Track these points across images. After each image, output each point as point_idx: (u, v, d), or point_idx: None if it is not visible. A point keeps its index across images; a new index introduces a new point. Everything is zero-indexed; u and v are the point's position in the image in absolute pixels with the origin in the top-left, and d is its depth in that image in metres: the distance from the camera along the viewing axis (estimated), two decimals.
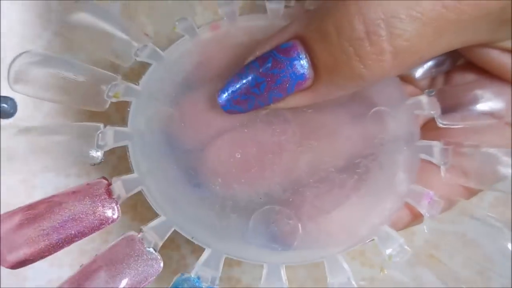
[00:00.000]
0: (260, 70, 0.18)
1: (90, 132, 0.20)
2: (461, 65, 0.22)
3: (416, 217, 0.19)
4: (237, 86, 0.18)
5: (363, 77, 0.17)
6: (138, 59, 0.21)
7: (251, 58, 0.19)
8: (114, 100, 0.20)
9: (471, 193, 0.20)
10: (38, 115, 0.27)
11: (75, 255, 0.26)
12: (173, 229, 0.18)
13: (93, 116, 0.25)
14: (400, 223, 0.19)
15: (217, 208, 0.18)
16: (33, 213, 0.17)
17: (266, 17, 0.22)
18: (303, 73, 0.17)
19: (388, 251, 0.17)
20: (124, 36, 0.22)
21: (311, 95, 0.18)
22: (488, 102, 0.20)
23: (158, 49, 0.21)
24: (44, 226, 0.17)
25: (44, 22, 0.28)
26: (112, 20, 0.22)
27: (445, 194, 0.19)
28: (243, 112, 0.19)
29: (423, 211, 0.18)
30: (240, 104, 0.18)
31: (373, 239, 0.18)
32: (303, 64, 0.17)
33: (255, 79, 0.18)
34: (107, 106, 0.20)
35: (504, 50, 0.19)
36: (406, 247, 0.17)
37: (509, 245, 0.18)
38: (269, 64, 0.18)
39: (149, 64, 0.21)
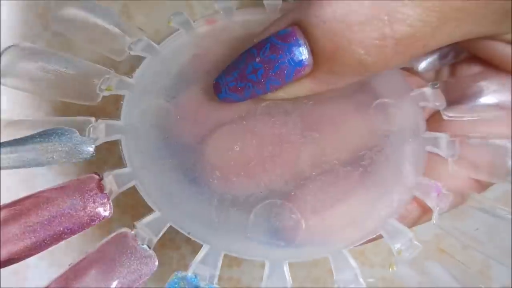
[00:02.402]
0: (258, 57, 0.17)
1: (80, 126, 0.19)
2: (466, 57, 0.21)
3: (425, 212, 0.18)
4: (234, 72, 0.18)
5: (364, 64, 0.16)
6: (132, 53, 0.20)
7: (248, 46, 0.18)
8: (106, 93, 0.19)
9: (482, 186, 0.19)
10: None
11: (76, 254, 0.25)
12: (168, 225, 0.16)
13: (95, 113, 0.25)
14: (409, 217, 0.18)
15: (215, 202, 0.17)
16: (19, 208, 0.16)
17: (263, 11, 0.22)
18: (302, 60, 0.17)
19: (397, 246, 0.16)
20: (117, 30, 0.21)
21: (311, 83, 0.17)
22: (494, 93, 0.20)
23: (152, 43, 0.21)
24: (30, 222, 0.16)
25: (44, 22, 0.28)
26: (105, 14, 0.21)
27: (454, 188, 0.18)
28: (240, 100, 0.18)
29: (431, 204, 0.17)
30: (237, 92, 0.18)
31: (380, 234, 0.17)
32: (302, 50, 0.17)
33: (252, 65, 0.17)
34: (99, 99, 0.19)
35: (508, 42, 0.18)
36: (416, 242, 0.16)
37: None
38: (267, 50, 0.17)
39: (143, 58, 0.20)
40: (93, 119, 0.19)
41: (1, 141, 0.17)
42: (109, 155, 0.26)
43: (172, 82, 0.20)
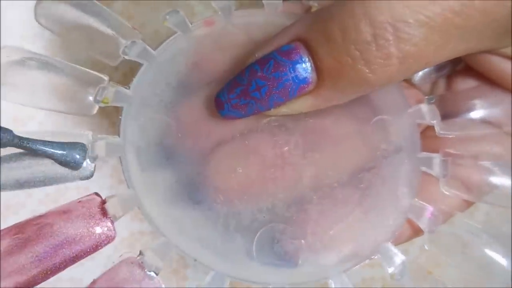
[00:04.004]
0: (261, 73, 0.17)
1: (78, 139, 0.18)
2: (462, 69, 0.22)
3: (416, 232, 0.19)
4: (236, 89, 0.17)
5: (368, 82, 0.16)
6: (126, 57, 0.19)
7: (250, 60, 0.18)
8: (102, 105, 0.19)
9: (468, 205, 0.20)
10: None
11: None
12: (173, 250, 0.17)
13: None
14: (401, 238, 0.19)
15: (220, 227, 0.17)
16: (23, 237, 0.16)
17: (263, 12, 0.21)
18: (306, 77, 0.17)
19: (391, 270, 0.17)
20: (109, 30, 0.20)
21: (314, 100, 0.17)
22: (487, 111, 0.20)
23: (148, 47, 0.20)
24: (36, 252, 0.16)
25: None
26: (96, 12, 0.20)
27: (444, 207, 0.19)
28: (242, 117, 0.18)
29: (424, 226, 0.18)
30: (240, 109, 0.17)
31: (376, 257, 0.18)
32: (305, 67, 0.16)
33: (256, 82, 0.17)
34: (95, 111, 0.19)
35: (505, 56, 0.19)
36: (407, 265, 0.17)
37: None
38: (271, 67, 0.17)
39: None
40: (90, 133, 0.18)
41: None
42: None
43: (171, 94, 0.19)
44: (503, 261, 0.19)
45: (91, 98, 0.18)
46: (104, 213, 0.17)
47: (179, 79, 0.19)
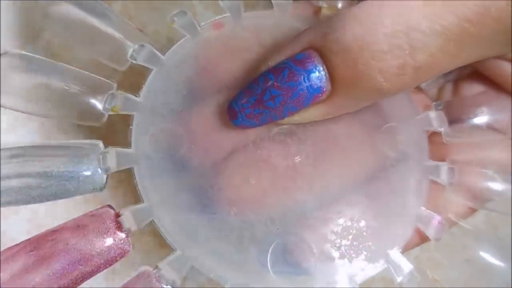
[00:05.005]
0: (276, 83, 0.17)
1: (85, 152, 0.18)
2: (469, 73, 0.22)
3: (422, 240, 0.19)
4: (250, 99, 0.17)
5: (382, 90, 0.16)
6: (134, 62, 0.19)
7: (263, 68, 0.18)
8: (112, 113, 0.18)
9: (471, 212, 0.20)
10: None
11: None
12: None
13: None
14: (408, 245, 0.19)
15: (234, 240, 0.17)
16: (39, 254, 0.16)
17: (272, 14, 0.20)
18: (320, 86, 0.16)
19: (399, 279, 0.18)
20: (116, 33, 0.19)
21: (327, 108, 0.17)
22: (493, 118, 0.20)
23: (156, 52, 0.19)
24: (53, 269, 0.16)
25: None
26: (103, 14, 0.19)
27: (450, 215, 0.19)
28: (256, 126, 0.18)
29: (431, 234, 0.19)
30: (254, 118, 0.17)
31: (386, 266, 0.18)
32: (320, 76, 0.16)
33: (270, 92, 0.17)
34: (105, 119, 0.18)
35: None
36: (415, 273, 0.18)
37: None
38: (285, 76, 0.17)
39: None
40: (100, 143, 0.18)
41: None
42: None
43: (182, 102, 0.19)
44: (501, 264, 0.19)
45: (100, 106, 0.18)
46: (118, 226, 0.17)
47: (190, 86, 0.19)
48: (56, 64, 0.18)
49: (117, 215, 0.17)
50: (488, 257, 0.19)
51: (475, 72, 0.21)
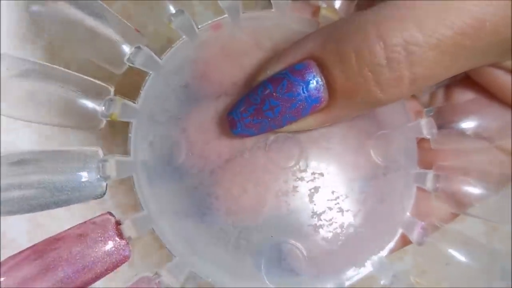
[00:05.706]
0: (275, 93, 0.17)
1: (85, 160, 0.18)
2: (461, 79, 0.22)
3: (405, 242, 0.20)
4: (249, 108, 0.17)
5: (379, 100, 0.17)
6: (131, 65, 0.19)
7: (262, 78, 0.18)
8: (109, 119, 0.18)
9: (453, 217, 0.22)
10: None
11: None
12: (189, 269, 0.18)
13: None
14: (392, 249, 0.20)
15: (231, 247, 0.18)
16: (43, 263, 0.16)
17: (271, 14, 0.20)
18: (319, 97, 0.17)
19: (383, 282, 0.19)
20: (113, 35, 0.19)
21: (324, 117, 0.18)
22: (481, 126, 0.21)
23: (154, 55, 0.19)
24: (57, 277, 0.16)
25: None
26: (99, 14, 0.18)
27: (433, 220, 0.20)
28: (254, 135, 0.18)
29: (414, 239, 0.20)
30: (253, 128, 0.18)
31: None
32: (318, 87, 0.17)
33: (269, 102, 0.17)
34: (103, 125, 0.18)
35: (507, 70, 0.19)
36: (399, 277, 0.19)
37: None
38: (284, 87, 0.17)
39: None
40: (99, 150, 0.18)
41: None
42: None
43: (180, 109, 0.19)
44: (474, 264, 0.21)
45: (97, 112, 0.18)
46: (119, 234, 0.17)
47: (187, 92, 0.19)
48: (53, 68, 0.18)
49: (118, 223, 0.18)
50: (463, 259, 0.21)
51: (467, 78, 0.22)
